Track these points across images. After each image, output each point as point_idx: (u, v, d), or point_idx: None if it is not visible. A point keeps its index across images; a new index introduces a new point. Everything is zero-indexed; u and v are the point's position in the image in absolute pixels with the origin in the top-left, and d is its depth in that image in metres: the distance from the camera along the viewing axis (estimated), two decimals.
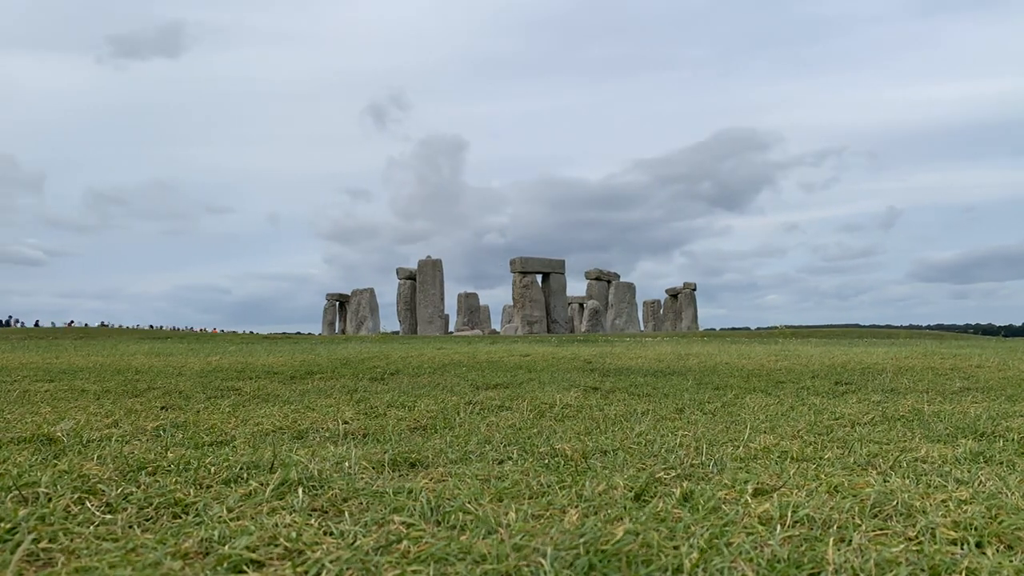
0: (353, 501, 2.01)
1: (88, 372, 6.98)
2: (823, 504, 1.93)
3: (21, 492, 1.99)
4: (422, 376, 6.62)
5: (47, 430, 3.17)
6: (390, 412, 4.10)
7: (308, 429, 3.45)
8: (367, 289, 41.40)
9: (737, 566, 1.49)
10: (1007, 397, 4.83)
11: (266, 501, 1.98)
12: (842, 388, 5.51)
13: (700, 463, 2.57)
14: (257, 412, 4.09)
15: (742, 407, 4.38)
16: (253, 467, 2.39)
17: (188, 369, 7.41)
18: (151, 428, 3.43)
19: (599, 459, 2.69)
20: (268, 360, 8.84)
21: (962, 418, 3.80)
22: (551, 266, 35.38)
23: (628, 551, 1.55)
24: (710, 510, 1.90)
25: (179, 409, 4.24)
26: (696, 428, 3.48)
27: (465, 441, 3.11)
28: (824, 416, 3.92)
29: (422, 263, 35.96)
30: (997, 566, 1.51)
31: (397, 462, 2.59)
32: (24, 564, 1.50)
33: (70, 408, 4.23)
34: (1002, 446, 2.97)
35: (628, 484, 2.19)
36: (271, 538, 1.63)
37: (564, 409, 4.28)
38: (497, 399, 4.73)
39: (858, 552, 1.57)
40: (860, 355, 9.61)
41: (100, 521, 1.79)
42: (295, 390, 5.41)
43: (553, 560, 1.49)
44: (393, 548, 1.59)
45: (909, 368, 7.37)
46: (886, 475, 2.37)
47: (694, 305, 44.63)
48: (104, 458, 2.52)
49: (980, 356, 9.13)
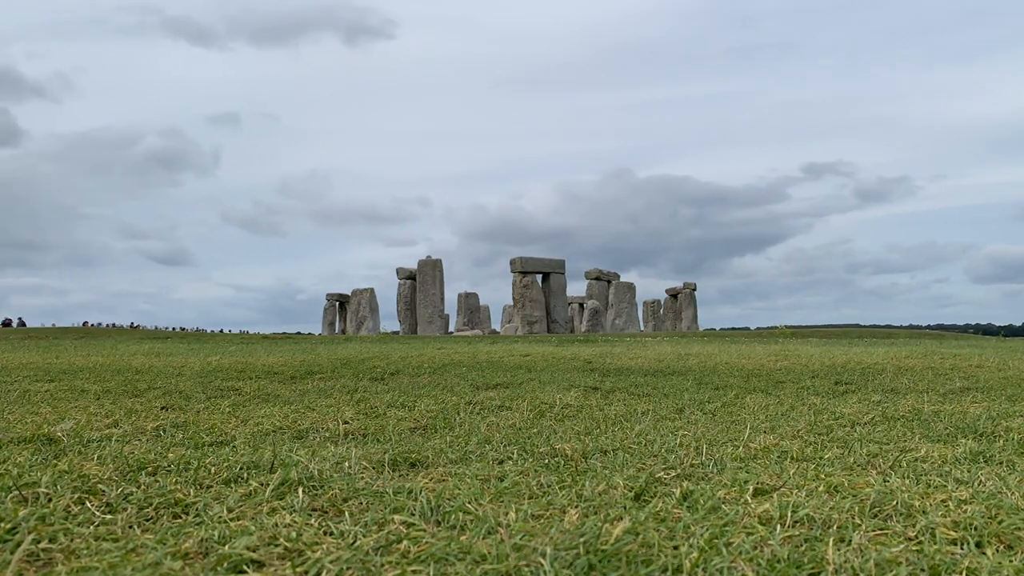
0: (353, 501, 2.01)
1: (88, 372, 6.98)
2: (823, 504, 1.93)
3: (21, 492, 1.99)
4: (422, 376, 6.62)
5: (47, 430, 3.17)
6: (390, 412, 4.11)
7: (308, 429, 3.45)
8: (367, 289, 41.38)
9: (737, 566, 1.49)
10: (1007, 397, 4.83)
11: (266, 501, 1.98)
12: (842, 388, 5.51)
13: (700, 463, 2.57)
14: (257, 412, 4.09)
15: (742, 407, 4.38)
16: (253, 467, 2.39)
17: (188, 369, 7.41)
18: (151, 428, 3.44)
19: (599, 459, 2.69)
20: (268, 360, 8.84)
21: (962, 418, 3.80)
22: (551, 266, 35.38)
23: (628, 551, 1.55)
24: (710, 510, 1.90)
25: (179, 409, 4.24)
26: (696, 428, 3.48)
27: (465, 441, 3.11)
28: (824, 416, 3.92)
29: (422, 263, 35.95)
30: (997, 566, 1.51)
31: (397, 462, 2.59)
32: (24, 564, 1.50)
33: (70, 408, 4.23)
34: (1002, 446, 2.97)
35: (628, 484, 2.19)
36: (271, 538, 1.63)
37: (564, 409, 4.28)
38: (497, 399, 4.73)
39: (858, 552, 1.57)
40: (860, 355, 9.61)
41: (100, 521, 1.79)
42: (295, 390, 5.42)
43: (553, 560, 1.49)
44: (393, 548, 1.59)
45: (909, 368, 7.37)
46: (886, 475, 2.37)
47: (694, 305, 44.63)
48: (104, 458, 2.52)
49: (980, 356, 9.13)
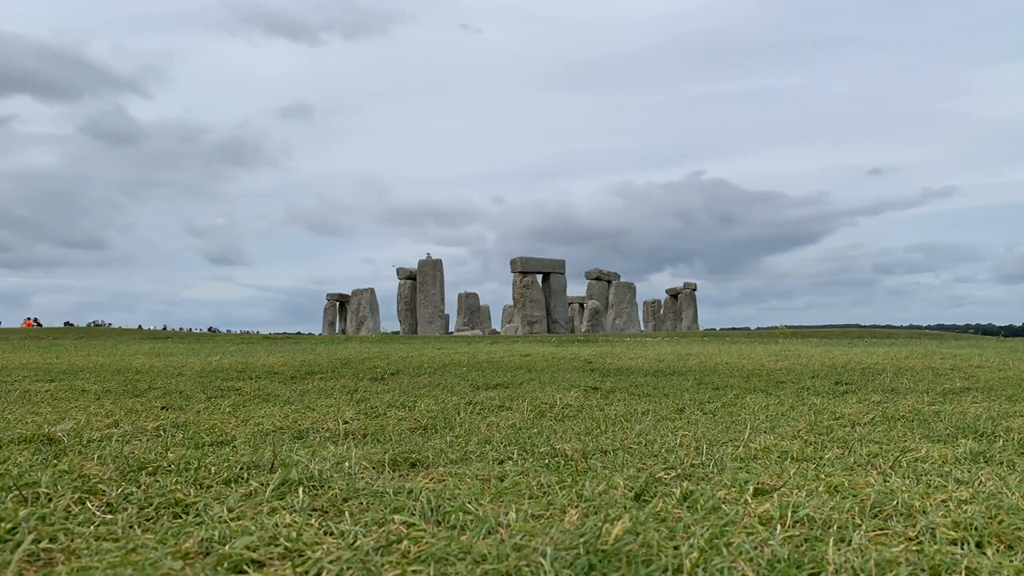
0: (353, 501, 2.01)
1: (88, 372, 6.99)
2: (823, 504, 1.93)
3: (21, 492, 1.99)
4: (422, 376, 6.62)
5: (48, 430, 3.17)
6: (390, 412, 4.11)
7: (308, 429, 3.45)
8: (367, 289, 41.38)
9: (737, 566, 1.49)
10: (1007, 397, 4.83)
11: (266, 501, 1.98)
12: (842, 388, 5.51)
13: (700, 463, 2.57)
14: (257, 412, 4.09)
15: (742, 407, 4.38)
16: (253, 467, 2.39)
17: (188, 369, 7.41)
18: (151, 428, 3.44)
19: (599, 459, 2.69)
20: (268, 360, 8.85)
21: (962, 418, 3.80)
22: (551, 266, 35.39)
23: (628, 551, 1.55)
24: (710, 510, 1.90)
25: (179, 409, 4.24)
26: (696, 428, 3.48)
27: (465, 441, 3.11)
28: (824, 416, 3.92)
29: (422, 263, 35.95)
30: (997, 566, 1.51)
31: (397, 462, 2.60)
32: (24, 564, 1.50)
33: (70, 408, 4.23)
34: (1002, 446, 2.97)
35: (628, 484, 2.19)
36: (271, 538, 1.63)
37: (564, 409, 4.28)
38: (497, 399, 4.73)
39: (858, 552, 1.57)
40: (860, 355, 9.61)
41: (100, 521, 1.79)
42: (295, 390, 5.42)
43: (553, 560, 1.49)
44: (393, 548, 1.59)
45: (909, 368, 7.37)
46: (886, 475, 2.37)
47: (694, 305, 44.62)
48: (104, 458, 2.52)
49: (980, 356, 9.13)
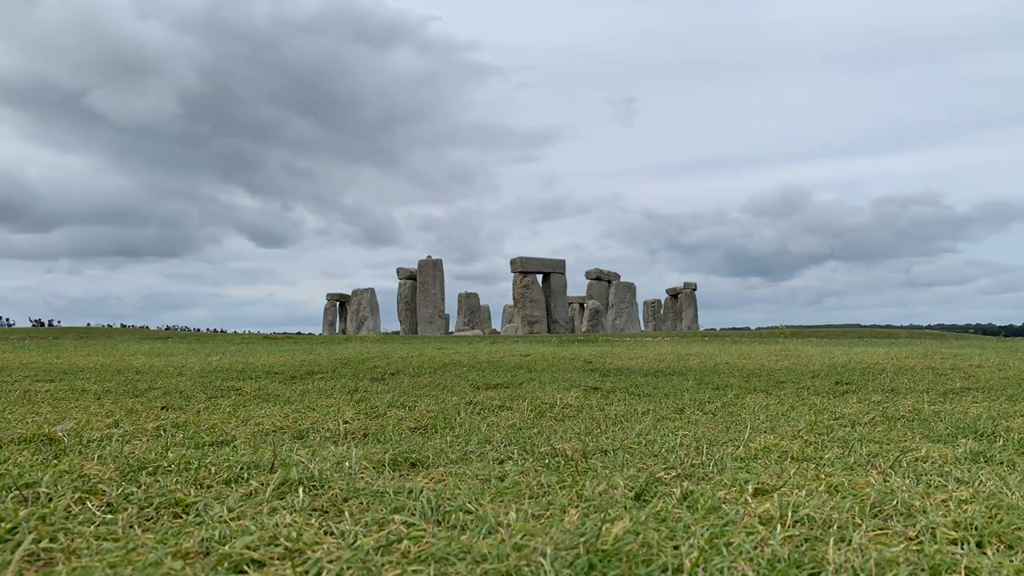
0: (353, 501, 2.01)
1: (89, 372, 6.99)
2: (823, 504, 1.93)
3: (22, 492, 1.99)
4: (422, 376, 6.63)
5: (48, 430, 3.17)
6: (390, 412, 4.11)
7: (308, 429, 3.45)
8: (367, 289, 41.38)
9: (737, 566, 1.49)
10: (1007, 397, 4.83)
11: (266, 501, 1.99)
12: (842, 388, 5.51)
13: (700, 463, 2.57)
14: (257, 412, 4.09)
15: (742, 407, 4.38)
16: (253, 467, 2.39)
17: (188, 369, 7.41)
18: (152, 428, 3.44)
19: (599, 459, 2.69)
20: (269, 360, 8.85)
21: (962, 418, 3.80)
22: (551, 266, 35.40)
23: (628, 551, 1.55)
24: (710, 510, 1.90)
25: (180, 409, 4.24)
26: (696, 428, 3.48)
27: (465, 441, 3.11)
28: (824, 416, 3.92)
29: (422, 263, 35.95)
30: (997, 566, 1.51)
31: (397, 462, 2.60)
32: (24, 564, 1.50)
33: (71, 408, 4.23)
34: (1002, 446, 2.97)
35: (628, 484, 2.19)
36: (271, 538, 1.63)
37: (564, 409, 4.28)
38: (497, 399, 4.73)
39: (858, 552, 1.57)
40: (860, 355, 9.61)
41: (100, 521, 1.79)
42: (295, 390, 5.42)
43: (553, 560, 1.49)
44: (393, 548, 1.59)
45: (909, 368, 7.37)
46: (886, 475, 2.37)
47: (694, 305, 44.64)
48: (105, 458, 2.52)
49: (980, 356, 9.14)
